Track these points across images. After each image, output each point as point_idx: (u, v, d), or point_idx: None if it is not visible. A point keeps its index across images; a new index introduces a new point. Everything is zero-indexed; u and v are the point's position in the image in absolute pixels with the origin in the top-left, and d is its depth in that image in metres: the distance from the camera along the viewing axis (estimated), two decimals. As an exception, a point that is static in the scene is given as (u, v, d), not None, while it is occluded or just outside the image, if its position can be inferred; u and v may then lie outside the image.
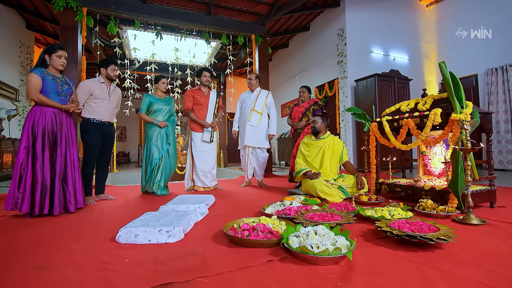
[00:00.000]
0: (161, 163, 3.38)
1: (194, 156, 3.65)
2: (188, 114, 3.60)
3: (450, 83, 2.00)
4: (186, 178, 3.72)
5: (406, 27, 6.58)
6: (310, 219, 1.72)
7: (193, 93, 3.62)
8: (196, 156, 3.64)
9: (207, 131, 3.63)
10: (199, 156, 3.63)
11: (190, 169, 3.69)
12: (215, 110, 3.68)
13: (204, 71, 3.61)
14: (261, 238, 1.48)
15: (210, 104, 3.65)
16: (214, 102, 3.67)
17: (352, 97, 5.98)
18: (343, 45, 6.08)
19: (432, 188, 2.30)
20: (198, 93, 3.63)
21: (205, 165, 3.65)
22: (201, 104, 3.61)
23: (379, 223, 1.59)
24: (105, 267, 1.25)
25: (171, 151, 3.47)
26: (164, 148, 3.40)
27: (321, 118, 3.00)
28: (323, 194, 2.58)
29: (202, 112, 3.62)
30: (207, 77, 3.61)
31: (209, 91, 3.69)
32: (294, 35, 8.16)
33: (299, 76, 8.10)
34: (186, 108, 3.58)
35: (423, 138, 2.33)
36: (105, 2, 4.55)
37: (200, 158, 3.63)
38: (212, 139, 3.65)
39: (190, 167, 3.70)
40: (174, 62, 6.27)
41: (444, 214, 1.92)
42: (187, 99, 3.59)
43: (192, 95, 3.60)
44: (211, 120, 3.63)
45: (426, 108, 2.42)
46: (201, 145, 3.64)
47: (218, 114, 3.71)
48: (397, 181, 2.80)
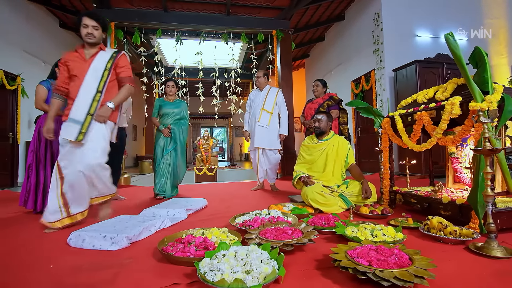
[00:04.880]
0: (165, 164, 3.33)
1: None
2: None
3: (462, 60, 1.48)
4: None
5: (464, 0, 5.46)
6: (263, 235, 1.45)
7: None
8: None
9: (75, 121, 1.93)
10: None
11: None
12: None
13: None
14: (186, 255, 1.29)
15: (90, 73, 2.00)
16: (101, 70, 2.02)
17: (391, 90, 5.20)
18: (379, 31, 5.34)
19: (452, 201, 1.75)
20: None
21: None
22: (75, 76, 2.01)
23: (335, 248, 1.23)
24: (27, 268, 1.24)
25: (178, 153, 3.37)
26: (168, 149, 3.34)
27: (326, 116, 2.62)
28: (315, 204, 2.22)
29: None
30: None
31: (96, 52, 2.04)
32: (330, 27, 7.56)
33: (336, 70, 7.47)
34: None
35: (439, 136, 1.80)
36: (130, 15, 4.87)
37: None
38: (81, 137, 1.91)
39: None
40: (213, 67, 6.09)
41: (454, 239, 1.42)
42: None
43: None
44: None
45: (445, 97, 1.87)
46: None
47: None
48: (416, 190, 2.25)
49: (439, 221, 1.51)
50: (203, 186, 4.65)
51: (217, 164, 7.34)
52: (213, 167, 6.76)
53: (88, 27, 1.96)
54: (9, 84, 4.78)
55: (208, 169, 6.67)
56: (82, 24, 1.96)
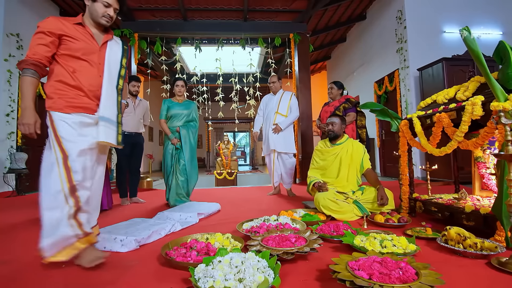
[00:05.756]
0: (175, 170, 3.04)
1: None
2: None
3: (480, 56, 1.36)
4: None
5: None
6: (265, 243, 1.42)
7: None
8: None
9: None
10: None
11: None
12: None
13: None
14: (186, 260, 1.30)
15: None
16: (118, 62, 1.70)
17: (416, 90, 4.92)
18: (402, 29, 5.09)
19: (476, 211, 1.60)
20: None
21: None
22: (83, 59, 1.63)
23: (336, 259, 1.17)
24: (42, 266, 1.34)
25: (187, 157, 3.05)
26: (179, 155, 3.06)
27: (339, 119, 2.53)
28: (327, 211, 2.15)
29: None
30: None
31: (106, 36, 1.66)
32: (351, 27, 7.36)
33: (358, 71, 7.23)
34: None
35: (460, 140, 1.66)
36: (152, 26, 5.11)
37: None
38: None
39: None
40: (232, 72, 6.07)
41: (475, 253, 1.29)
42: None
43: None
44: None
45: (466, 97, 1.73)
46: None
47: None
48: (437, 197, 2.09)
49: (457, 232, 1.39)
50: (221, 190, 4.70)
51: (237, 169, 7.40)
52: (233, 171, 6.83)
53: (110, 7, 1.54)
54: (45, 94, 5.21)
55: (228, 173, 6.75)
56: (103, 1, 1.52)
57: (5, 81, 4.32)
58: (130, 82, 3.27)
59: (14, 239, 1.89)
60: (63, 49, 1.46)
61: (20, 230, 2.11)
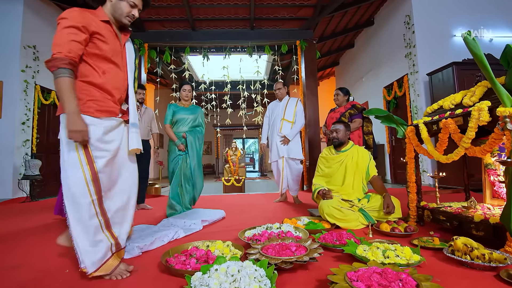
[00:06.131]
0: (181, 178, 2.90)
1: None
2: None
3: (483, 60, 1.32)
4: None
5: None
6: (264, 251, 1.41)
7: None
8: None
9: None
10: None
11: None
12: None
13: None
14: (185, 268, 1.30)
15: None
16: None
17: (426, 95, 4.83)
18: (410, 34, 5.04)
19: (485, 220, 1.54)
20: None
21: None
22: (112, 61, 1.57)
23: (335, 269, 1.15)
24: (47, 271, 1.37)
25: (193, 164, 2.93)
26: (185, 161, 2.93)
27: (343, 126, 2.50)
28: (331, 219, 2.11)
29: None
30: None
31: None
32: (359, 33, 7.33)
33: (367, 77, 7.17)
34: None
35: (466, 146, 1.61)
36: (162, 36, 5.25)
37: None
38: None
39: None
40: (239, 79, 6.13)
41: (483, 264, 1.24)
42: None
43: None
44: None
45: (473, 102, 1.68)
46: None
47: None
48: (446, 206, 2.02)
49: (464, 243, 1.34)
50: (228, 197, 4.71)
51: (245, 175, 7.40)
52: (241, 178, 6.83)
53: (135, 8, 1.46)
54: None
55: (235, 180, 6.76)
56: (130, 1, 1.43)
57: (21, 91, 4.51)
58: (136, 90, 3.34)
59: (26, 244, 1.94)
60: (92, 47, 1.33)
61: (32, 235, 2.17)
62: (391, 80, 5.85)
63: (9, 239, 2.09)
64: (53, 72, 1.21)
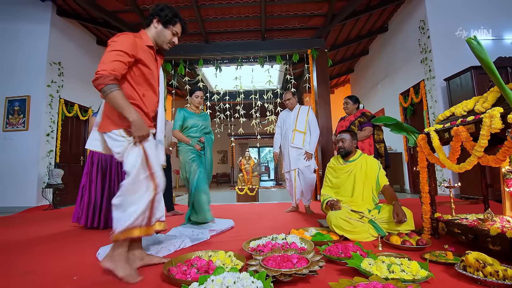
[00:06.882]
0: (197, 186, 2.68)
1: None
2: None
3: (490, 64, 1.27)
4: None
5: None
6: (265, 263, 1.39)
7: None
8: None
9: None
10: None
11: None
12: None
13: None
14: (185, 278, 1.31)
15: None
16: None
17: (443, 101, 4.64)
18: (426, 39, 4.91)
19: (502, 234, 1.44)
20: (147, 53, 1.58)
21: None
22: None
23: (333, 283, 1.11)
24: (56, 277, 1.41)
25: (207, 170, 2.86)
26: (200, 167, 2.77)
27: (350, 135, 2.45)
28: (339, 230, 2.05)
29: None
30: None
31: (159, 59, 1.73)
32: (373, 39, 7.23)
33: (382, 83, 7.02)
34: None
35: (479, 155, 1.53)
36: (176, 49, 5.44)
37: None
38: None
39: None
40: (252, 89, 6.26)
41: (496, 282, 1.15)
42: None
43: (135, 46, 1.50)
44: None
45: (485, 109, 1.60)
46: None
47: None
48: (462, 218, 1.91)
49: (477, 258, 1.25)
50: (239, 206, 4.71)
51: (258, 184, 7.37)
52: (254, 187, 6.82)
53: (176, 36, 1.61)
54: (82, 115, 5.70)
55: (249, 189, 6.75)
56: (173, 29, 1.58)
57: (47, 104, 4.82)
58: None
59: (40, 250, 2.04)
60: (136, 71, 1.48)
61: (47, 242, 2.27)
62: (407, 86, 5.69)
63: (25, 245, 2.19)
64: (102, 89, 1.33)
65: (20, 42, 4.88)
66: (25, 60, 4.83)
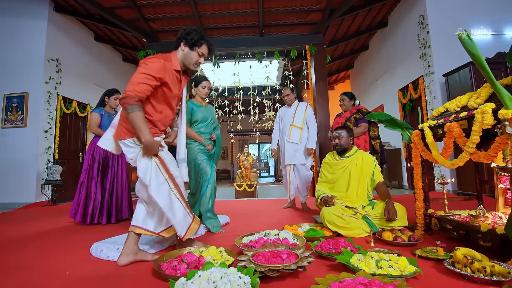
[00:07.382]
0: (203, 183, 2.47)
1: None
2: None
3: (481, 60, 1.26)
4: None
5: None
6: (254, 258, 1.40)
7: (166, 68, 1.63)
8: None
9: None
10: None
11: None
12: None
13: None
14: (175, 273, 1.32)
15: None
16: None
17: (442, 97, 4.62)
18: (425, 34, 4.86)
19: (492, 230, 1.44)
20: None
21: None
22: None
23: (319, 279, 1.12)
24: (49, 272, 1.42)
25: (215, 168, 2.61)
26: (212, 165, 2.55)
27: (346, 132, 2.44)
28: (332, 226, 2.06)
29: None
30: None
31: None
32: (373, 35, 7.17)
33: (381, 79, 6.98)
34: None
35: (471, 151, 1.53)
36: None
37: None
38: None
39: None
40: (250, 85, 6.27)
41: (484, 278, 1.16)
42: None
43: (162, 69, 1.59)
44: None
45: (478, 105, 1.59)
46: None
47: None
48: (454, 214, 1.91)
49: (465, 254, 1.26)
50: (237, 202, 4.73)
51: (257, 180, 7.38)
52: (253, 183, 6.83)
53: (202, 57, 1.70)
54: (80, 112, 5.71)
55: (247, 185, 6.76)
56: (199, 51, 1.65)
57: (45, 101, 4.82)
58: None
59: (36, 246, 2.05)
60: (159, 91, 1.61)
61: (44, 238, 2.29)
62: (406, 82, 5.66)
63: (22, 241, 2.21)
64: (126, 108, 1.49)
65: (18, 39, 4.87)
66: (22, 57, 4.83)
